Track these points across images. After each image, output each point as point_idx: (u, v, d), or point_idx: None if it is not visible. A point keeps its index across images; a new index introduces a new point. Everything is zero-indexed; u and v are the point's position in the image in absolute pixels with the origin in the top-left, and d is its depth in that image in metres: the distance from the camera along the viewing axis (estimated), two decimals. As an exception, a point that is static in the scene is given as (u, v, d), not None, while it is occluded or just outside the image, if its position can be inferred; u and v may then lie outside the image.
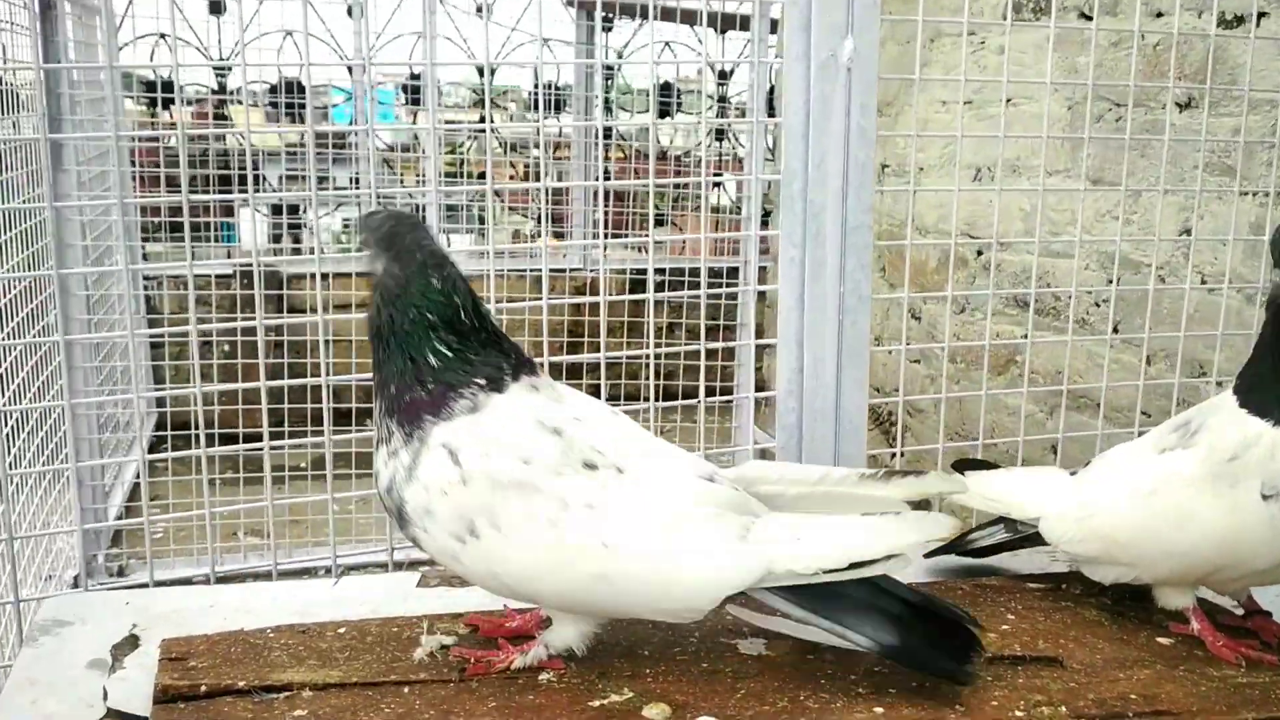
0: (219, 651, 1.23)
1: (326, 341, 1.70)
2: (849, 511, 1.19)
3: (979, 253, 3.29)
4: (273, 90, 5.56)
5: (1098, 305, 2.89)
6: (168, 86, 5.27)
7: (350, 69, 4.96)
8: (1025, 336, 3.06)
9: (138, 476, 4.17)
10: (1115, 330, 2.79)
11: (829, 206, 1.77)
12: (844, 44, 1.73)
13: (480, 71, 5.84)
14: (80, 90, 3.71)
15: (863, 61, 1.74)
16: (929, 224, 3.45)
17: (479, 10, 4.47)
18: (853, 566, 1.13)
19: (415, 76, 5.72)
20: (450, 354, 1.17)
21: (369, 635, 1.28)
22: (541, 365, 1.30)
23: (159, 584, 1.71)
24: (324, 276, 1.67)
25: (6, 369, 2.31)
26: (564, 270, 5.07)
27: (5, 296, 2.35)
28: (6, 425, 2.13)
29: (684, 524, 1.15)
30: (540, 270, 1.98)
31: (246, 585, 1.65)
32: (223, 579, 1.77)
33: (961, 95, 2.64)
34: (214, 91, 5.71)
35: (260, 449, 1.72)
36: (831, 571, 1.13)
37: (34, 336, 2.57)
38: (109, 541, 3.74)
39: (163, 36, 5.25)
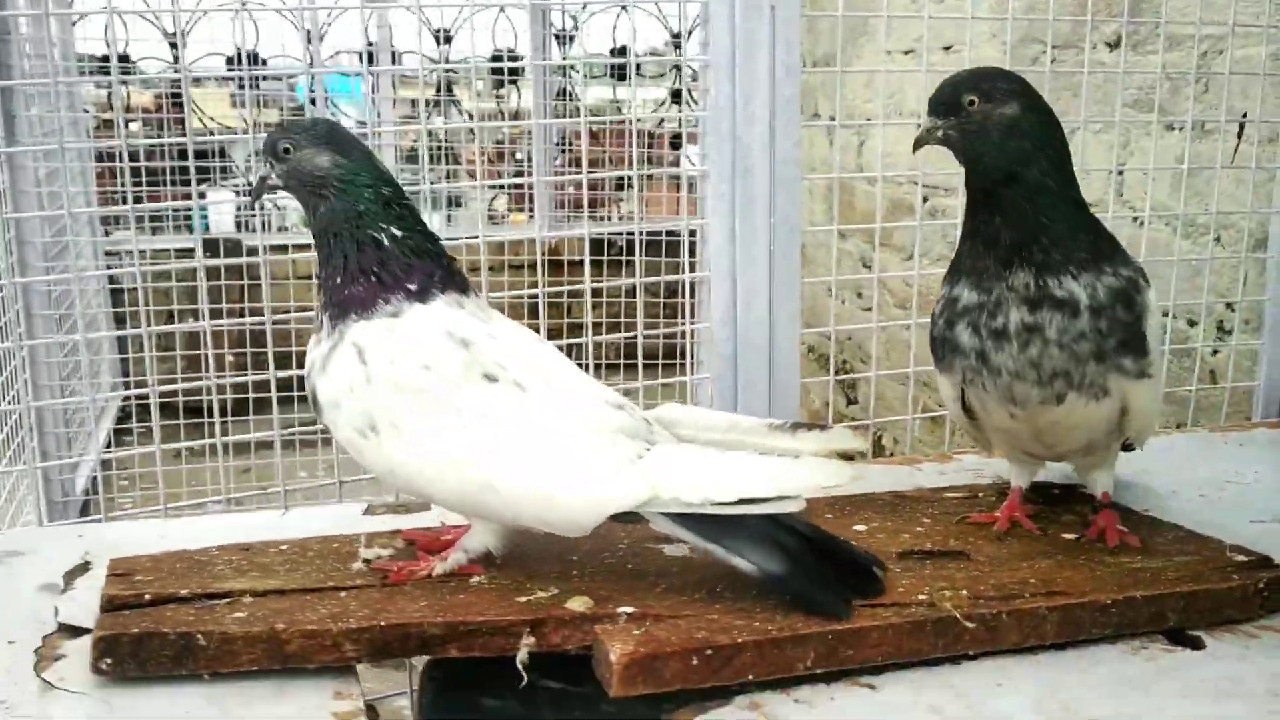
0: (164, 567, 1.28)
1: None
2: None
3: (925, 199, 3.36)
4: (229, 63, 5.55)
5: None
6: (124, 59, 5.28)
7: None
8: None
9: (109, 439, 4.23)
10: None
11: (756, 143, 1.83)
12: (766, -17, 1.79)
13: (437, 39, 5.88)
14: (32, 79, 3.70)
15: (787, 1, 1.80)
16: (871, 171, 3.50)
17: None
18: (741, 502, 1.16)
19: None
20: (400, 234, 1.25)
21: (310, 551, 1.34)
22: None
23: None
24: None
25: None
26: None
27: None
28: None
29: (573, 442, 1.20)
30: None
31: (197, 518, 1.70)
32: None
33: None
34: (171, 66, 5.70)
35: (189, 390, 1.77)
36: (720, 505, 1.16)
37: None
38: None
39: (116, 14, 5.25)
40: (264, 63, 5.36)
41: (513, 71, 6.11)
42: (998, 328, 1.35)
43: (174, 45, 5.78)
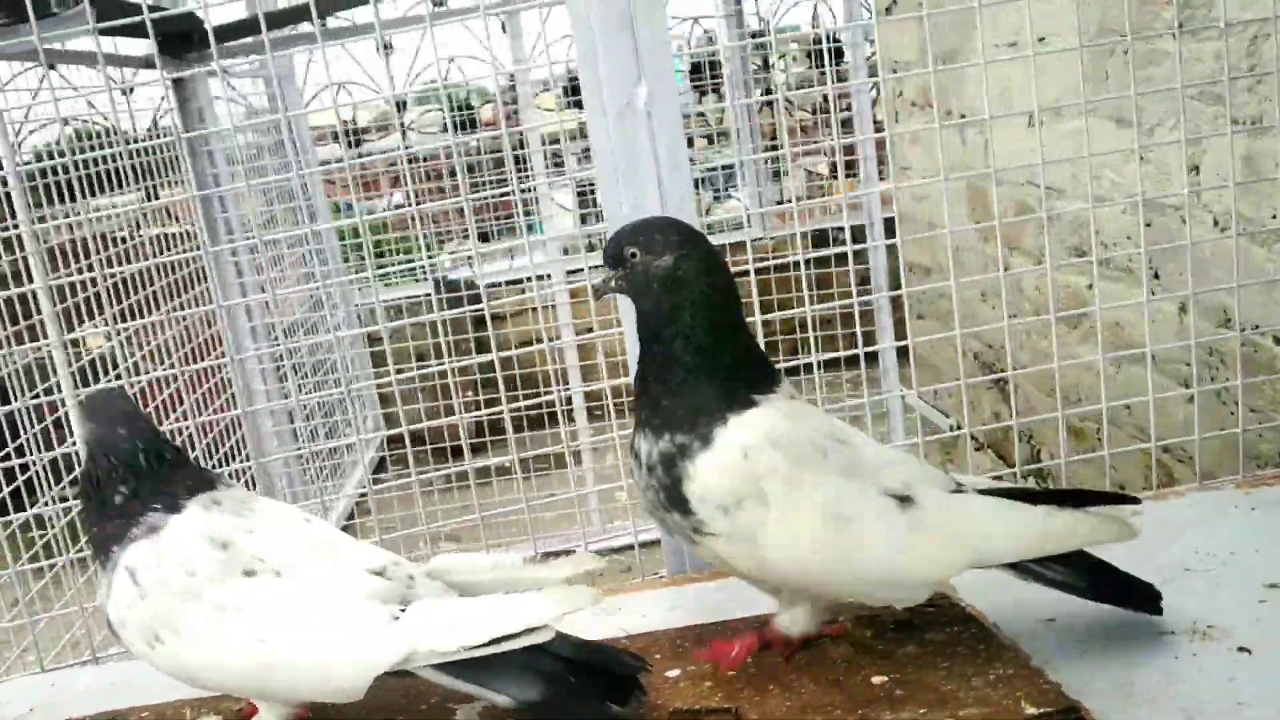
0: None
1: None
2: (522, 589, 1.31)
3: (1041, 200, 3.11)
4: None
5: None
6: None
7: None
8: (1090, 287, 2.90)
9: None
10: (1156, 277, 2.60)
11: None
12: (638, 90, 1.77)
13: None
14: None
15: (661, 102, 1.77)
16: (1002, 174, 3.28)
17: None
18: (493, 642, 1.23)
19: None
20: (128, 493, 1.38)
21: None
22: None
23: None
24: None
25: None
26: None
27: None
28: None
29: (329, 617, 1.29)
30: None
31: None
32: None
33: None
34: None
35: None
36: (473, 648, 1.24)
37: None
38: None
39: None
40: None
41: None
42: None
43: (400, 107, 6.25)
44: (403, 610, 1.29)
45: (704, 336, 1.34)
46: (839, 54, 5.57)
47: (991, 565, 1.36)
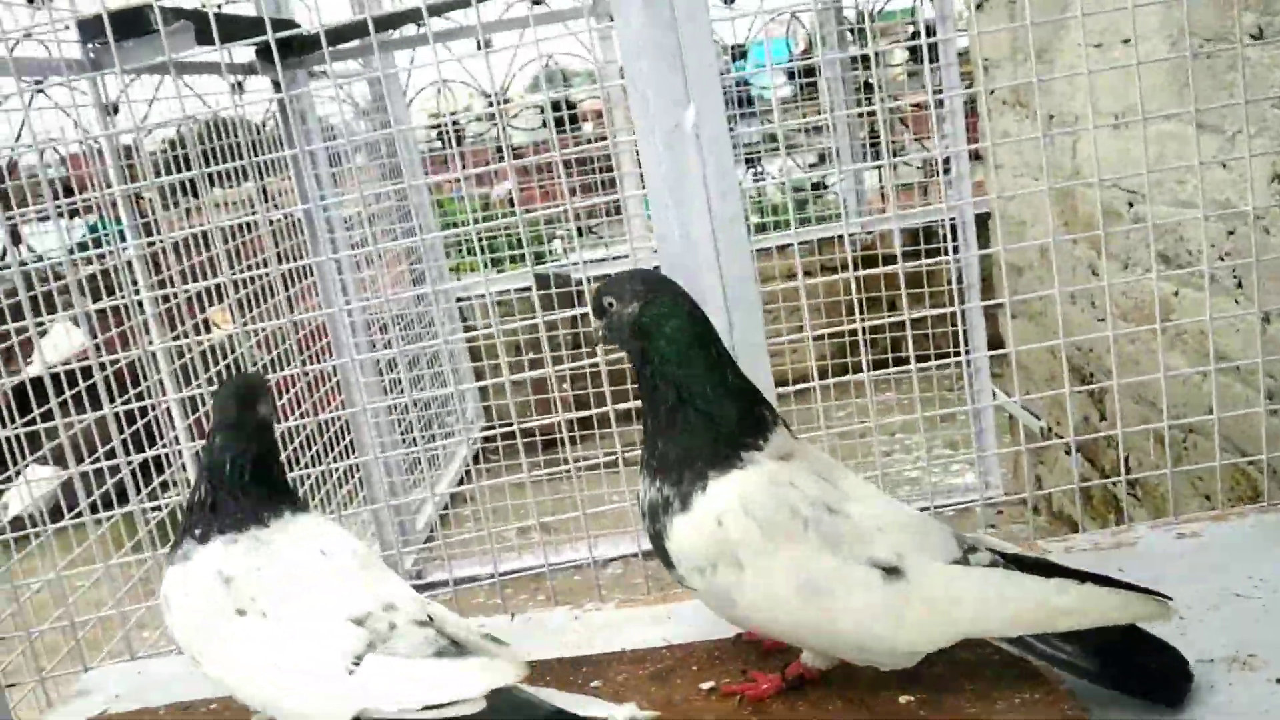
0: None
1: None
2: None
3: (1130, 205, 3.05)
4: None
5: (1222, 259, 2.62)
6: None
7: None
8: (1176, 294, 2.84)
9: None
10: (1239, 285, 2.54)
11: (703, 269, 1.84)
12: (686, 112, 1.80)
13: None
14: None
15: (710, 124, 1.80)
16: (1088, 175, 3.23)
17: None
18: (426, 709, 1.30)
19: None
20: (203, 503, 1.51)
21: (227, 712, 1.60)
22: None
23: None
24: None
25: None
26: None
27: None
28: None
29: (298, 662, 1.38)
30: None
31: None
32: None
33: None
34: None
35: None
36: (412, 711, 1.30)
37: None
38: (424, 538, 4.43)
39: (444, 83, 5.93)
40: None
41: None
42: None
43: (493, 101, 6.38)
44: (356, 665, 1.35)
45: (681, 375, 1.41)
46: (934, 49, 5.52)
47: (987, 638, 1.35)
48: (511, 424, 2.16)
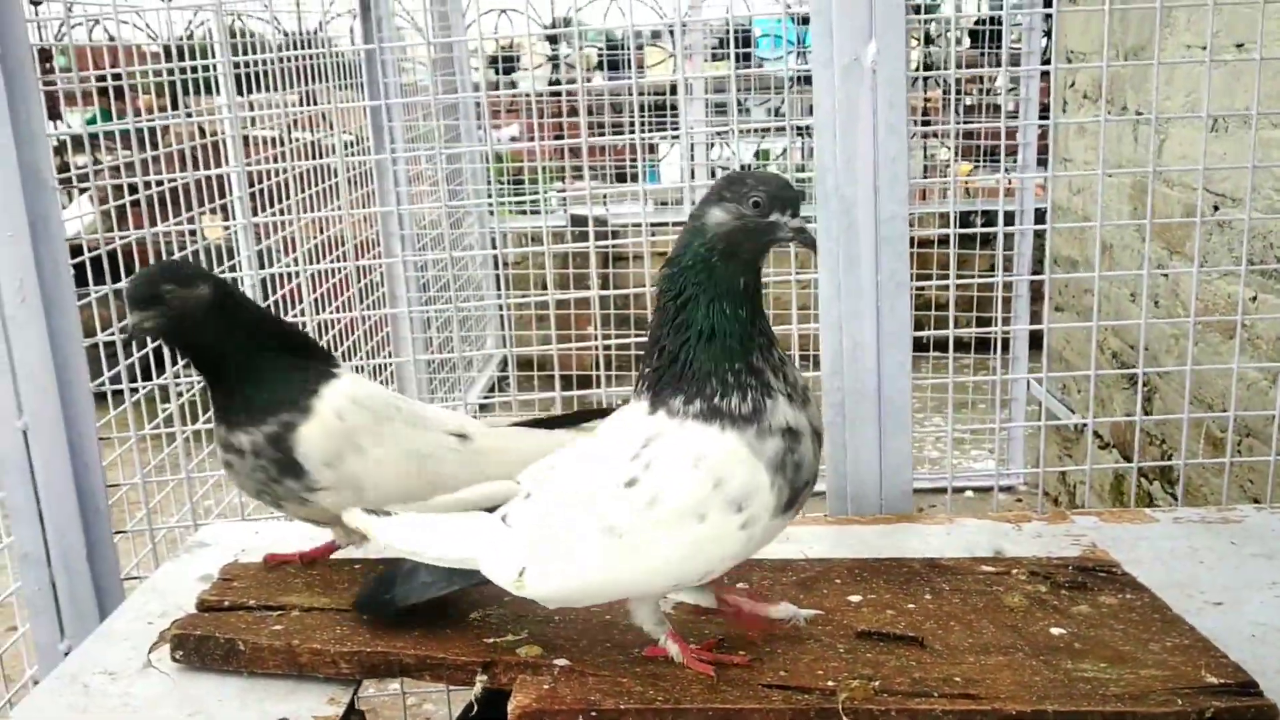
0: (258, 577, 1.62)
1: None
2: None
3: (1215, 208, 3.09)
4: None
5: (1314, 268, 2.67)
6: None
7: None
8: (1254, 299, 2.88)
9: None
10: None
11: (860, 201, 1.87)
12: (867, 47, 1.83)
13: None
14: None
15: (888, 62, 1.83)
16: (1173, 176, 3.27)
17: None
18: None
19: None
20: None
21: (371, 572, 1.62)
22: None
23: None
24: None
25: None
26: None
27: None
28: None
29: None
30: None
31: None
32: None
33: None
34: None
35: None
36: None
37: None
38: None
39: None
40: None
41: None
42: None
43: (553, 40, 6.37)
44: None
45: (270, 327, 1.65)
46: (996, 36, 5.53)
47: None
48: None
